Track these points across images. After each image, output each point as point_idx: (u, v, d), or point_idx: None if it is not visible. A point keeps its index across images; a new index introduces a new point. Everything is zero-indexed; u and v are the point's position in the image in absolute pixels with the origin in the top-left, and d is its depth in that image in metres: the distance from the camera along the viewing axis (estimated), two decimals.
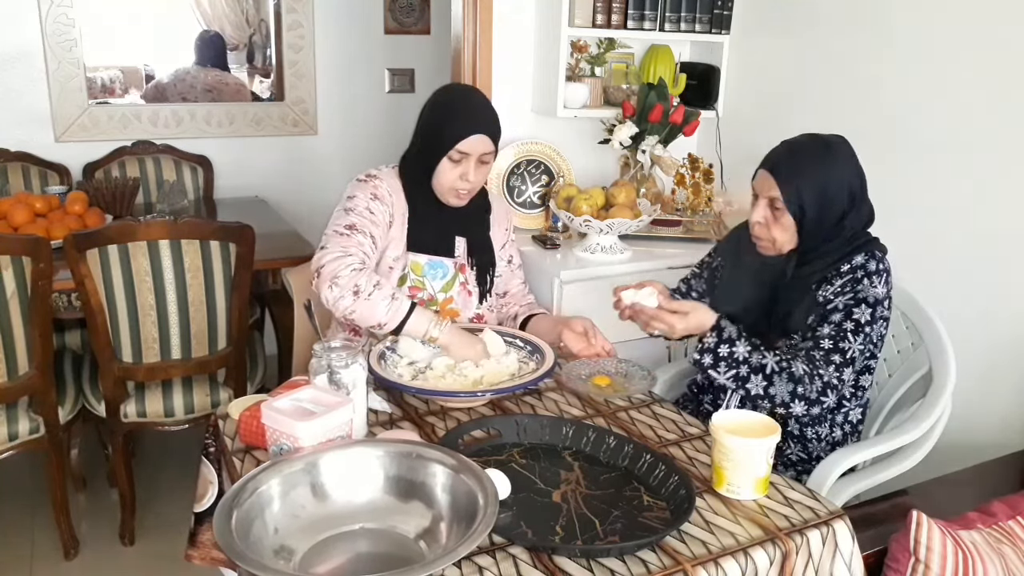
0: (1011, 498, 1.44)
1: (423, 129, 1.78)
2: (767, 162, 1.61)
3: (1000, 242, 1.95)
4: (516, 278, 2.00)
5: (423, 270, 1.80)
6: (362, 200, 1.74)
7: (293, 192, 3.74)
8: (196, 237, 2.16)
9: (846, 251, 1.59)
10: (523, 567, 1.07)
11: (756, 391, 1.53)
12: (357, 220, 1.71)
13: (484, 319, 1.89)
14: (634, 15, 2.52)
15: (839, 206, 1.57)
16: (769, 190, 1.58)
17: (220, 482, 1.38)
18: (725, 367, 1.54)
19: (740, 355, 1.54)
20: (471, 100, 1.77)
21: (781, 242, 1.61)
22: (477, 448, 1.37)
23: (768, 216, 1.60)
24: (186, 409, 2.34)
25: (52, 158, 3.28)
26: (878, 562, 1.34)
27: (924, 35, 2.08)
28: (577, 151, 2.67)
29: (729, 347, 1.55)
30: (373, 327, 1.62)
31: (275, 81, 3.79)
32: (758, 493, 1.24)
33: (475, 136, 1.70)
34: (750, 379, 1.53)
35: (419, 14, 3.93)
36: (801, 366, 1.53)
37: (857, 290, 1.56)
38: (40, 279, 2.04)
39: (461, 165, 1.72)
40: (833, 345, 1.53)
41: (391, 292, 1.61)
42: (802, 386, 1.51)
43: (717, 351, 1.55)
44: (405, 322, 1.60)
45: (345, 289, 1.58)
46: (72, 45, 3.28)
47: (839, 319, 1.55)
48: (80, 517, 2.50)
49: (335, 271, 1.59)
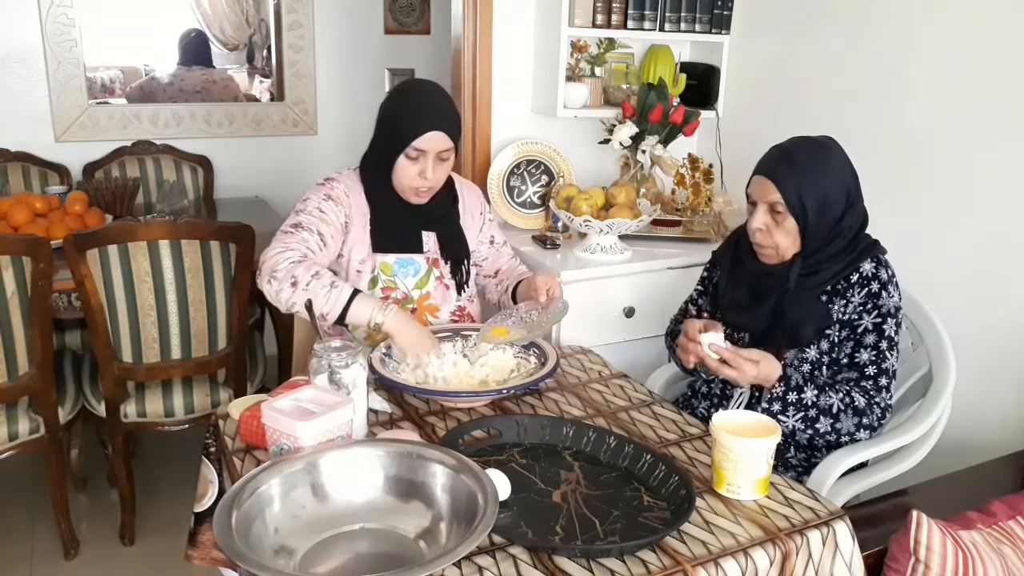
0: (1011, 498, 1.44)
1: (381, 126, 1.76)
2: (763, 167, 1.60)
3: (1000, 242, 1.95)
4: (503, 255, 1.99)
5: (392, 269, 1.79)
6: (314, 201, 1.74)
7: (293, 192, 3.68)
8: (196, 237, 2.16)
9: (850, 257, 1.58)
10: (523, 567, 1.07)
11: (824, 429, 1.53)
12: (304, 219, 1.71)
13: (466, 310, 1.88)
14: (634, 15, 2.52)
15: (838, 206, 1.56)
16: (768, 195, 1.56)
17: (220, 482, 1.38)
18: (793, 411, 1.53)
19: (808, 400, 1.53)
20: (428, 96, 1.73)
21: (784, 247, 1.59)
22: (477, 448, 1.37)
23: (769, 222, 1.58)
24: (186, 409, 2.34)
25: (52, 158, 3.28)
26: (878, 562, 1.34)
27: (924, 35, 2.08)
28: (577, 151, 2.67)
29: (797, 394, 1.53)
30: (317, 319, 1.60)
31: (275, 81, 3.79)
32: (758, 493, 1.24)
33: (431, 133, 1.68)
34: (819, 420, 1.53)
35: (419, 14, 3.93)
36: (860, 398, 1.54)
37: (879, 305, 1.56)
38: (40, 279, 2.04)
39: (419, 163, 1.70)
40: (878, 369, 1.55)
41: (330, 281, 1.60)
42: (866, 417, 1.54)
43: (785, 398, 1.53)
44: (347, 310, 1.59)
45: (283, 282, 1.58)
46: (72, 45, 3.29)
47: (874, 340, 1.55)
48: (80, 517, 2.50)
49: (274, 265, 1.60)
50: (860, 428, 1.55)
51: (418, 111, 1.69)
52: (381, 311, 1.59)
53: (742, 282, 1.70)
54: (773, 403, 1.54)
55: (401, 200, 1.78)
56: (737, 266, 1.73)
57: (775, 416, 1.53)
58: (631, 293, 2.31)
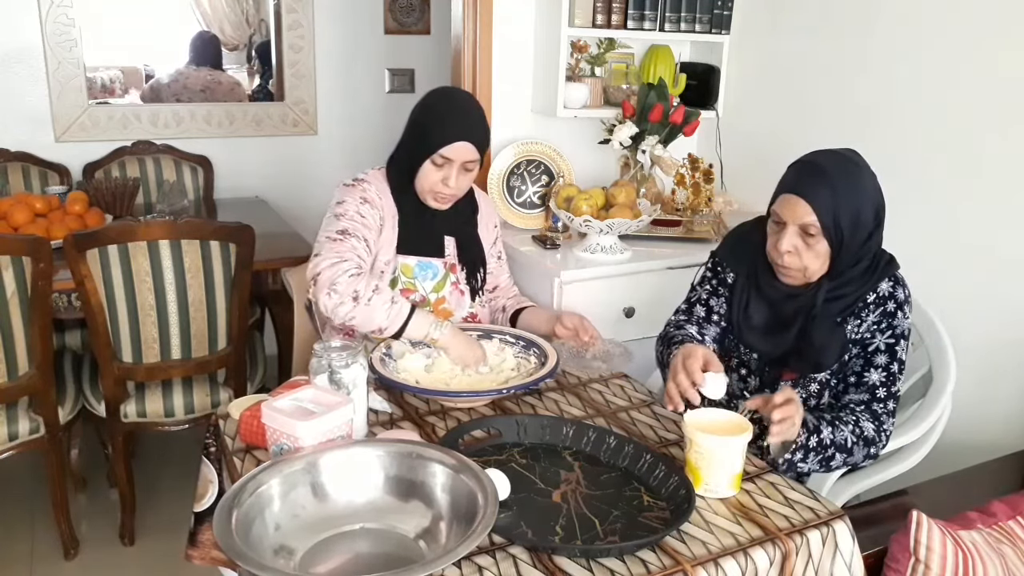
0: (1011, 498, 1.44)
1: (411, 129, 1.77)
2: (793, 184, 1.47)
3: (1000, 242, 1.95)
4: (504, 272, 2.01)
5: (413, 271, 1.80)
6: (352, 204, 1.73)
7: (293, 192, 3.74)
8: (196, 237, 2.16)
9: (870, 278, 1.51)
10: (523, 567, 1.07)
11: (837, 464, 1.47)
12: (349, 225, 1.70)
13: (478, 317, 1.89)
14: (634, 15, 2.52)
15: (868, 225, 1.47)
16: (802, 216, 1.43)
17: (220, 482, 1.38)
18: (814, 456, 1.43)
19: (825, 439, 1.43)
20: (462, 106, 1.75)
21: (813, 270, 1.49)
22: (477, 448, 1.37)
23: (799, 244, 1.46)
24: (186, 409, 2.34)
25: (52, 158, 3.28)
26: (878, 562, 1.34)
27: (925, 35, 2.08)
28: (577, 151, 2.67)
29: (816, 436, 1.42)
30: (373, 332, 1.62)
31: (275, 81, 3.79)
32: (733, 490, 1.26)
33: (460, 143, 1.69)
34: (834, 457, 1.45)
35: (419, 14, 3.93)
36: (869, 426, 1.48)
37: (894, 326, 1.50)
38: (40, 279, 2.04)
39: (443, 170, 1.72)
40: (887, 392, 1.50)
41: (390, 296, 1.61)
42: (875, 447, 1.49)
43: (808, 444, 1.42)
44: (406, 326, 1.60)
45: (344, 296, 1.58)
46: (72, 45, 3.28)
47: (886, 362, 1.50)
48: (80, 517, 2.50)
49: (332, 277, 1.59)
50: (868, 457, 1.50)
51: (450, 119, 1.70)
52: (437, 327, 1.61)
53: (762, 304, 1.60)
54: (796, 452, 1.42)
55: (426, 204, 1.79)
56: (755, 285, 1.61)
57: (794, 465, 1.43)
58: (631, 293, 2.31)
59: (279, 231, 2.96)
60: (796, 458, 1.42)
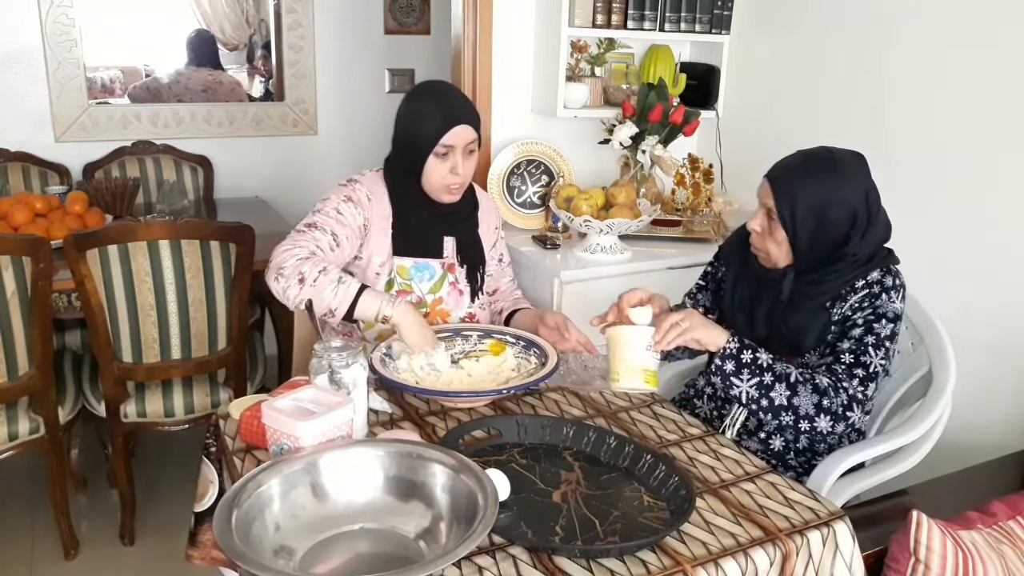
0: (1011, 498, 1.44)
1: (403, 132, 1.76)
2: (771, 170, 1.55)
3: (1001, 242, 1.95)
4: (505, 275, 2.00)
5: (409, 273, 1.80)
6: (332, 202, 1.74)
7: (293, 192, 3.74)
8: (196, 237, 2.16)
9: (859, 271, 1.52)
10: (523, 567, 1.07)
11: (780, 401, 1.45)
12: (319, 219, 1.71)
13: (476, 317, 1.88)
14: (634, 15, 2.52)
15: (839, 230, 1.49)
16: (766, 199, 1.53)
17: (220, 482, 1.38)
18: (748, 374, 1.45)
19: (764, 361, 1.47)
20: (446, 93, 1.76)
21: (775, 256, 1.56)
22: (477, 448, 1.37)
23: (766, 226, 1.55)
24: (186, 409, 2.34)
25: (52, 158, 3.28)
26: (878, 562, 1.34)
27: (925, 35, 2.08)
28: (577, 151, 2.67)
29: (752, 352, 1.47)
30: (325, 315, 1.59)
31: (275, 81, 3.79)
32: (648, 385, 1.39)
33: (457, 127, 1.70)
34: (774, 387, 1.45)
35: (419, 14, 3.93)
36: (824, 379, 1.47)
37: (876, 305, 1.50)
38: (40, 279, 2.04)
39: (449, 159, 1.72)
40: (854, 359, 1.48)
41: (337, 276, 1.59)
42: (827, 399, 1.45)
43: (740, 357, 1.46)
44: (355, 304, 1.58)
45: (290, 278, 1.58)
46: (72, 45, 3.28)
47: (859, 334, 1.49)
48: (80, 517, 2.50)
49: (281, 262, 1.61)
50: (820, 412, 1.45)
51: (439, 110, 1.71)
52: (390, 304, 1.59)
53: (746, 283, 1.67)
54: (727, 361, 1.47)
55: (426, 203, 1.78)
56: (744, 266, 1.69)
57: (728, 377, 1.47)
58: None
59: (279, 231, 2.92)
60: (728, 368, 1.47)
